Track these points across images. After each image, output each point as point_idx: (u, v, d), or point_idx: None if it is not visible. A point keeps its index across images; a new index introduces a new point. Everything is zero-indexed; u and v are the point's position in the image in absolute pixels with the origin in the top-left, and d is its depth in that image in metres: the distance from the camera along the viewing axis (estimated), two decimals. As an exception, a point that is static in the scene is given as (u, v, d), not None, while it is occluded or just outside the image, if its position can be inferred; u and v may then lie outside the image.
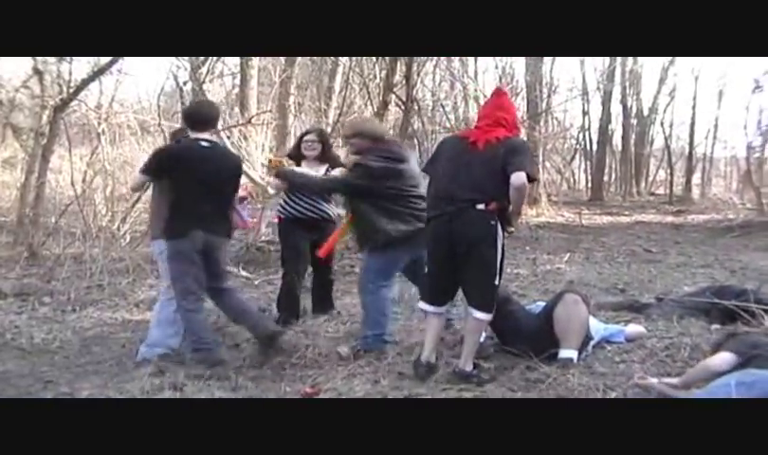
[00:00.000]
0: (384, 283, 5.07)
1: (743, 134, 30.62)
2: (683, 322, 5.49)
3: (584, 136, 25.79)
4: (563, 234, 13.28)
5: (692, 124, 26.94)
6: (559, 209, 18.18)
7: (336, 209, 6.04)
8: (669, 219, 17.32)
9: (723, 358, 3.79)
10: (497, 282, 4.34)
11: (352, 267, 8.51)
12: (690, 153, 27.27)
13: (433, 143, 13.08)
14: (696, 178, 28.34)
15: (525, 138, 14.85)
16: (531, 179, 4.28)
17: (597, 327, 5.00)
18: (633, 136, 26.80)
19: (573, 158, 26.74)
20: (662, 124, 27.44)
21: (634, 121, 26.74)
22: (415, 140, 12.62)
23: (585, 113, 25.22)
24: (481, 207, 4.20)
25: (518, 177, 4.13)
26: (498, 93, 4.75)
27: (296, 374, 4.48)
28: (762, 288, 6.07)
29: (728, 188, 30.25)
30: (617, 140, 26.46)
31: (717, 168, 32.78)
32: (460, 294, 4.62)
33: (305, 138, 6.00)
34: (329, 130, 12.46)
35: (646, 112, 27.11)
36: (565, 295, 4.84)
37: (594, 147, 25.06)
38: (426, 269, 4.62)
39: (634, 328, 5.27)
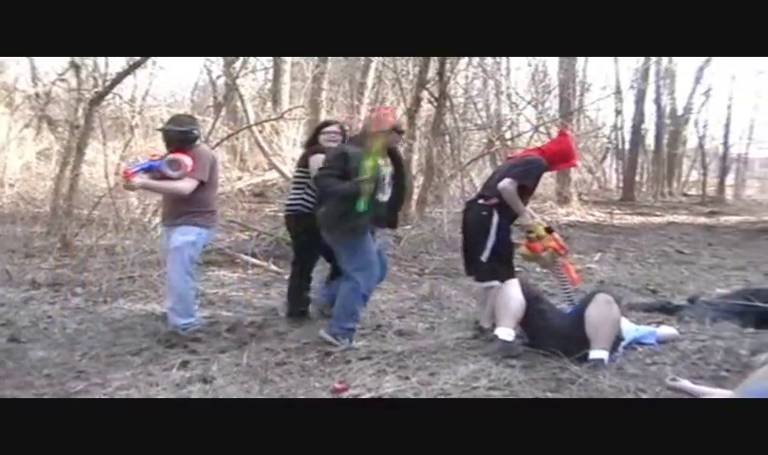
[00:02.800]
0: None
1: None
2: (716, 325, 5.46)
3: (616, 135, 25.48)
4: (594, 234, 13.19)
5: (727, 124, 26.75)
6: (590, 208, 18.07)
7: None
8: (702, 220, 17.13)
9: None
10: (485, 259, 5.23)
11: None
12: (725, 153, 26.97)
13: (464, 140, 13.01)
14: (730, 179, 28.07)
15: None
16: (521, 186, 5.21)
17: (629, 328, 4.98)
18: (667, 136, 26.45)
19: (604, 158, 26.47)
20: (696, 124, 27.11)
21: (668, 121, 26.40)
22: (447, 137, 12.55)
23: (618, 112, 24.86)
24: (481, 201, 5.34)
25: (501, 182, 5.20)
26: (560, 132, 6.13)
27: (324, 370, 4.48)
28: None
29: (763, 189, 29.90)
30: (650, 140, 26.10)
31: (752, 169, 32.37)
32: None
33: (327, 129, 5.92)
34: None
35: (680, 111, 26.70)
36: (597, 295, 4.78)
37: (627, 146, 24.72)
38: None
39: (666, 330, 5.25)
